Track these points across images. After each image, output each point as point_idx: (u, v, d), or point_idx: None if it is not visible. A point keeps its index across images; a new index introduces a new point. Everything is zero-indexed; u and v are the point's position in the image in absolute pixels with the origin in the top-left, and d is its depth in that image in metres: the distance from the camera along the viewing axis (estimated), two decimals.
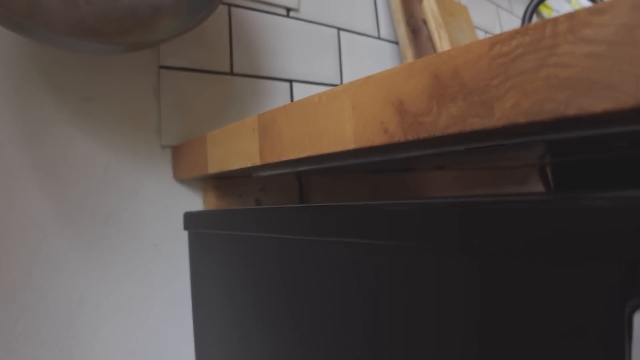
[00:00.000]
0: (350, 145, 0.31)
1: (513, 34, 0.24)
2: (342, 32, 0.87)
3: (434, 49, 0.93)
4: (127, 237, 0.62)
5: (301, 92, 0.80)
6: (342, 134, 0.32)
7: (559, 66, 0.22)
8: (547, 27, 0.22)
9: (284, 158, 0.38)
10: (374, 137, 0.29)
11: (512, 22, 1.38)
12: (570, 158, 0.77)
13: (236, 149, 0.45)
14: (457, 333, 0.27)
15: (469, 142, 0.30)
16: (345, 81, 0.86)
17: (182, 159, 0.60)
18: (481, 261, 0.26)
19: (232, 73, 0.72)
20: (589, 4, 1.36)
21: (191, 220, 0.60)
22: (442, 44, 0.91)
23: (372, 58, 0.92)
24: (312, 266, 0.38)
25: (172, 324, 0.65)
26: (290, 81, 0.78)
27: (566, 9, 1.43)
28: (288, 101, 0.78)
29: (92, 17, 0.54)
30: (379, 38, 0.94)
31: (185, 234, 0.65)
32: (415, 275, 0.30)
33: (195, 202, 0.66)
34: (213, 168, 0.50)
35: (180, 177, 0.62)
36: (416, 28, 0.94)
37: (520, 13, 1.43)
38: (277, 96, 0.77)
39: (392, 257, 0.31)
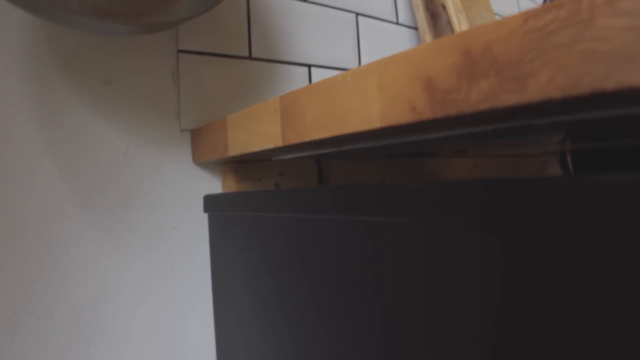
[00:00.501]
0: (376, 124, 0.31)
1: (548, 8, 0.23)
2: (360, 17, 0.86)
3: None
4: (147, 220, 0.62)
5: (319, 77, 0.79)
6: (368, 112, 0.31)
7: (597, 40, 0.22)
8: (583, 0, 0.22)
9: (307, 139, 0.37)
10: (401, 115, 0.29)
11: None
12: (592, 145, 0.76)
13: (257, 130, 0.45)
14: (474, 308, 0.27)
15: (498, 121, 0.30)
16: None
17: (202, 142, 0.60)
18: (501, 235, 0.26)
19: (250, 57, 0.71)
20: None
21: (211, 203, 0.61)
22: (462, 29, 0.89)
23: (390, 43, 0.91)
24: (331, 245, 0.38)
25: (192, 306, 0.65)
26: (309, 66, 0.78)
27: None
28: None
29: None
30: (397, 23, 0.93)
31: (204, 218, 0.65)
32: (434, 251, 0.29)
33: (214, 185, 0.66)
34: (233, 150, 0.50)
35: (200, 161, 0.62)
36: (435, 13, 0.92)
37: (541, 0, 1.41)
38: (295, 81, 0.76)
39: (411, 234, 0.31)
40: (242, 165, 0.63)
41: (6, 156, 0.56)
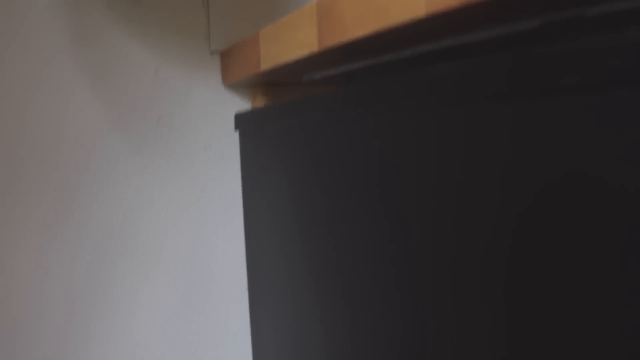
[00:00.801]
0: (421, 11, 0.30)
1: None
2: None
3: None
4: (177, 140, 0.63)
5: None
6: (412, 1, 0.31)
7: None
8: None
9: (345, 39, 0.37)
10: None
11: None
12: None
13: (292, 39, 0.44)
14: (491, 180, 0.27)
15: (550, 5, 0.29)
16: None
17: (232, 61, 0.60)
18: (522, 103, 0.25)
19: None
20: None
21: (242, 120, 0.61)
22: None
23: None
24: (359, 143, 0.38)
25: (223, 224, 0.66)
26: None
27: None
28: None
29: None
30: None
31: (233, 140, 0.65)
32: (455, 132, 0.29)
33: (243, 108, 0.66)
34: (266, 64, 0.50)
35: (230, 82, 0.61)
36: None
37: None
38: None
39: (433, 119, 0.30)
40: (272, 88, 0.63)
41: (39, 76, 0.56)
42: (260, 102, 0.62)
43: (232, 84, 0.63)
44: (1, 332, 0.57)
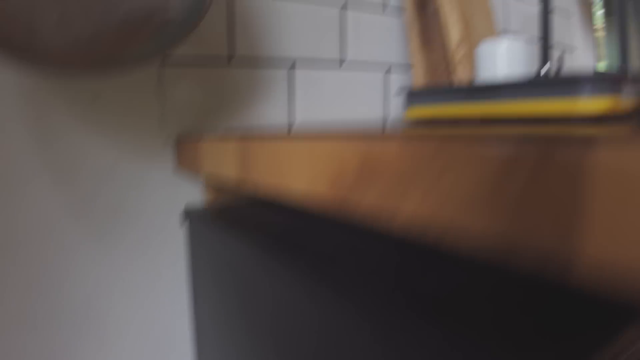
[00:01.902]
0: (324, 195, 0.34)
1: None
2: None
3: (441, 26, 0.92)
4: (133, 228, 0.67)
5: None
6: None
7: None
8: None
9: (260, 187, 0.41)
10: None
11: None
12: None
13: (220, 164, 0.48)
14: None
15: None
16: (349, 58, 0.86)
17: (182, 155, 0.63)
18: None
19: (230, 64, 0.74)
20: None
21: (189, 214, 0.65)
22: (449, 21, 0.90)
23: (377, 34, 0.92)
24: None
25: (177, 307, 0.71)
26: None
27: None
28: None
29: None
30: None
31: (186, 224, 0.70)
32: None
33: (196, 195, 0.70)
34: (205, 172, 0.54)
35: (183, 171, 0.65)
36: (425, 3, 0.92)
37: None
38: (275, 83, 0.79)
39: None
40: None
41: (8, 174, 0.60)
42: (211, 192, 0.66)
43: (185, 174, 0.67)
44: None
